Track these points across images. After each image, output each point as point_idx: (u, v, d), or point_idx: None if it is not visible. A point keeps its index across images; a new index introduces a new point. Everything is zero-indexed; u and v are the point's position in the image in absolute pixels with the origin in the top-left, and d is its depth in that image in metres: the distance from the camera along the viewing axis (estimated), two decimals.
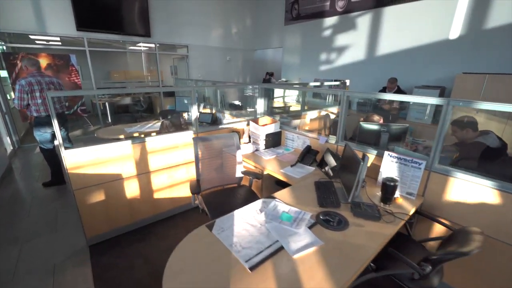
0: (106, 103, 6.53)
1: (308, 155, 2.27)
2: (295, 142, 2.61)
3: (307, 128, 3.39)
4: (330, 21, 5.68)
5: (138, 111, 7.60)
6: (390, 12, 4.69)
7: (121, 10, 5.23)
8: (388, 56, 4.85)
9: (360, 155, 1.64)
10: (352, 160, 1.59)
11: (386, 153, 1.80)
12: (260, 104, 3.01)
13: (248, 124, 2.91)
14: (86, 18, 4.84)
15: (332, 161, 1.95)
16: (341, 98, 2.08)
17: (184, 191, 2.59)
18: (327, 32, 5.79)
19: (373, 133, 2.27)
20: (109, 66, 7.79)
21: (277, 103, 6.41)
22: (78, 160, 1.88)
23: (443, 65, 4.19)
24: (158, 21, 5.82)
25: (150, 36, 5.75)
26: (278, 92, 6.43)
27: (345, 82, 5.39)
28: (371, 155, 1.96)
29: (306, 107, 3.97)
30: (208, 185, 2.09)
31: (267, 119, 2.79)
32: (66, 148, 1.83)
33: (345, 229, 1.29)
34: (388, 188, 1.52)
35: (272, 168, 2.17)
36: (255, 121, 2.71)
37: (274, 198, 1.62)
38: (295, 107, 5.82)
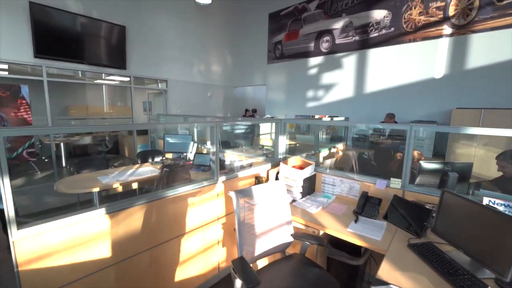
0: (61, 143, 5.36)
1: (369, 205, 1.79)
2: (337, 187, 2.13)
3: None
4: (315, 60, 5.83)
5: (101, 152, 6.47)
6: (374, 53, 4.96)
7: (92, 38, 4.59)
8: (377, 93, 4.99)
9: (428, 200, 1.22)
10: (475, 215, 1.15)
11: (486, 199, 1.43)
12: (283, 143, 2.53)
13: (273, 167, 2.37)
14: (47, 44, 4.05)
15: (425, 215, 1.49)
16: (408, 134, 1.74)
17: (205, 262, 1.83)
18: (313, 71, 5.90)
19: (433, 173, 1.94)
20: (68, 100, 6.70)
21: (264, 140, 6.06)
22: (40, 246, 1.09)
23: (432, 101, 4.38)
24: (136, 53, 5.28)
25: (126, 68, 5.11)
26: (264, 128, 6.13)
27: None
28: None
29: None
30: (250, 258, 1.42)
31: (296, 159, 2.30)
32: (19, 225, 1.04)
33: None
34: None
35: (331, 226, 1.61)
36: (285, 162, 2.20)
37: (387, 284, 1.05)
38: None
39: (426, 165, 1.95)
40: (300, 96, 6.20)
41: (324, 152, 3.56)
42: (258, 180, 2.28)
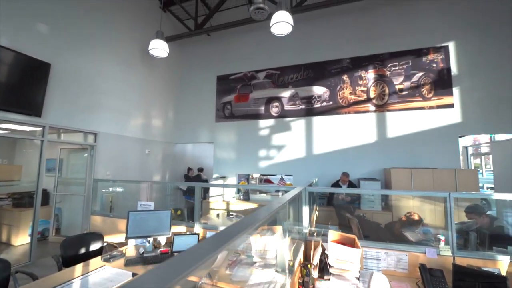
0: None
1: (433, 279, 1.70)
2: (382, 261, 1.97)
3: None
4: (266, 122, 6.17)
5: None
6: (318, 120, 5.75)
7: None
8: (324, 155, 5.61)
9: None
10: None
11: None
12: (306, 214, 2.25)
13: (316, 249, 2.00)
14: None
15: (502, 284, 1.51)
16: (448, 201, 1.87)
17: None
18: (264, 132, 6.16)
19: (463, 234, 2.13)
20: None
21: (214, 202, 5.45)
22: None
23: (369, 162, 5.27)
24: (59, 98, 4.04)
25: (40, 115, 3.75)
26: (215, 189, 5.63)
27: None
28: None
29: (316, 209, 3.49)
30: None
31: (334, 234, 2.05)
32: None
33: None
34: None
35: None
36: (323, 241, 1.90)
37: None
38: (237, 204, 5.12)
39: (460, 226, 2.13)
40: (252, 155, 6.20)
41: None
42: (305, 268, 1.82)
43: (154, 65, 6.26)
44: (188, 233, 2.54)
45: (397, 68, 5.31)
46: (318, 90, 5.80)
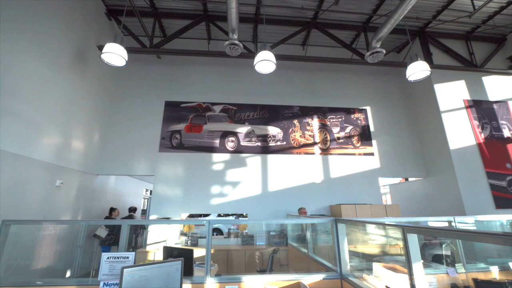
0: None
1: None
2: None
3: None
4: (221, 156, 5.82)
5: None
6: (273, 158, 5.96)
7: None
8: (279, 192, 5.72)
9: None
10: None
11: None
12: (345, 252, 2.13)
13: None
14: None
15: None
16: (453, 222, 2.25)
17: None
18: (218, 166, 5.75)
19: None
20: None
21: (154, 251, 4.35)
22: None
23: (318, 199, 5.74)
24: None
25: None
26: (155, 233, 4.65)
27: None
28: None
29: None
30: None
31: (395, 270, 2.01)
32: None
33: None
34: None
35: None
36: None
37: None
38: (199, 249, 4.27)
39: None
40: (203, 192, 5.53)
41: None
42: None
43: (87, 75, 5.01)
44: None
45: (334, 120, 6.46)
46: (273, 130, 6.16)
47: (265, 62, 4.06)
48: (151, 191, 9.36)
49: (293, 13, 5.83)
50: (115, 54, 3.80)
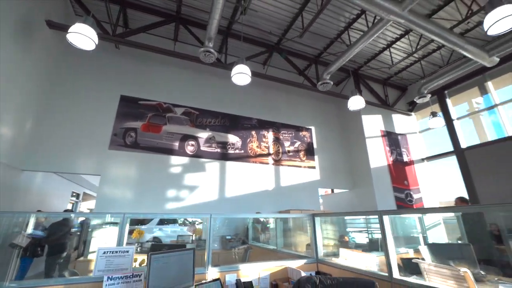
0: None
1: None
2: None
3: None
4: (180, 159, 5.69)
5: None
6: (232, 165, 6.21)
7: None
8: (235, 198, 5.97)
9: None
10: None
11: None
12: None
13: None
14: None
15: None
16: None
17: None
18: (176, 169, 5.60)
19: None
20: None
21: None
22: None
23: (271, 205, 6.25)
24: None
25: None
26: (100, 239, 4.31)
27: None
28: None
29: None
30: None
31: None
32: None
33: None
34: None
35: None
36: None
37: None
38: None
39: None
40: (157, 195, 5.26)
41: None
42: None
43: (29, 51, 4.24)
44: (209, 280, 1.96)
45: (286, 135, 7.25)
46: (233, 138, 6.45)
47: (241, 75, 4.42)
48: (78, 194, 8.00)
49: (261, 35, 6.44)
50: (84, 36, 3.47)
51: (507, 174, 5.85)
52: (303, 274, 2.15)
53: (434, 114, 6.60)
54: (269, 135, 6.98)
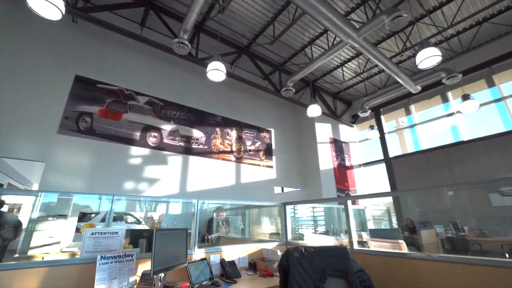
0: None
1: None
2: None
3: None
4: (140, 150, 5.41)
5: None
6: (195, 160, 6.20)
7: None
8: (198, 192, 5.98)
9: None
10: None
11: None
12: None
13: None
14: None
15: None
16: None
17: None
18: (136, 160, 5.31)
19: None
20: None
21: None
22: None
23: (231, 200, 6.44)
24: None
25: None
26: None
27: None
28: None
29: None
30: None
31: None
32: None
33: None
34: None
35: None
36: None
37: None
38: None
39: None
40: (113, 187, 4.89)
41: None
42: None
43: None
44: (198, 259, 2.09)
45: (248, 134, 7.57)
46: (197, 133, 6.44)
47: (216, 72, 4.56)
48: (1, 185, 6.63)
49: (232, 36, 6.63)
50: (48, 2, 3.13)
51: (420, 179, 7.40)
52: (279, 253, 2.47)
53: (372, 127, 7.88)
54: (233, 133, 7.20)
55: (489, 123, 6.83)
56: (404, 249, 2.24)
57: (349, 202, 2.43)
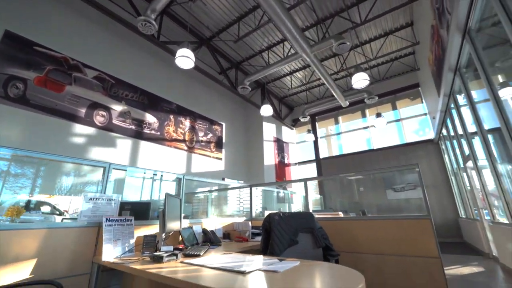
0: None
1: None
2: None
3: None
4: (85, 129, 4.88)
5: None
6: (146, 145, 5.95)
7: None
8: (147, 180, 5.77)
9: None
10: None
11: None
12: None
13: None
14: None
15: None
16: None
17: None
18: (79, 140, 4.77)
19: None
20: None
21: None
22: None
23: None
24: None
25: None
26: None
27: None
28: None
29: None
30: None
31: None
32: None
33: None
34: None
35: None
36: None
37: None
38: None
39: None
40: (49, 167, 4.31)
41: None
42: None
43: None
44: (186, 227, 2.32)
45: (201, 125, 7.67)
46: (150, 118, 6.18)
47: (185, 59, 4.64)
48: None
49: (197, 26, 6.66)
50: None
51: (346, 179, 9.07)
52: (250, 224, 2.91)
53: (309, 131, 9.18)
54: (186, 123, 7.18)
55: (391, 137, 9.01)
56: (340, 215, 3.05)
57: (290, 191, 3.09)
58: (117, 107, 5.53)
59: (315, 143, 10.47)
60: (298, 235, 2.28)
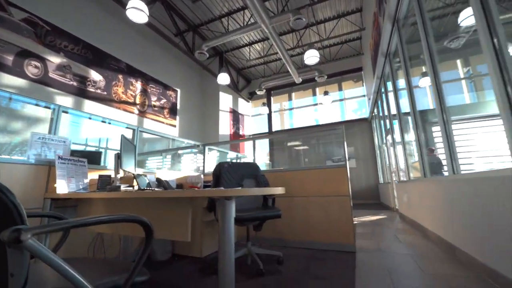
0: None
1: None
2: None
3: None
4: (14, 80, 4.28)
5: None
6: (91, 105, 5.51)
7: None
8: (94, 140, 5.45)
9: None
10: None
11: None
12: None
13: None
14: None
15: None
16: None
17: None
18: (7, 92, 4.18)
19: None
20: None
21: None
22: None
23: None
24: None
25: None
26: None
27: None
28: None
29: None
30: None
31: None
32: None
33: None
34: None
35: None
36: None
37: None
38: None
39: None
40: None
41: None
42: None
43: None
44: (140, 174, 2.47)
45: (154, 89, 7.34)
46: (95, 75, 5.67)
47: (137, 11, 4.36)
48: None
49: None
50: None
51: (291, 149, 9.89)
52: (202, 176, 3.19)
53: (264, 104, 9.58)
54: (138, 85, 6.78)
55: (334, 115, 10.06)
56: None
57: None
58: (55, 59, 4.92)
59: (269, 116, 11.00)
60: (243, 180, 2.66)
